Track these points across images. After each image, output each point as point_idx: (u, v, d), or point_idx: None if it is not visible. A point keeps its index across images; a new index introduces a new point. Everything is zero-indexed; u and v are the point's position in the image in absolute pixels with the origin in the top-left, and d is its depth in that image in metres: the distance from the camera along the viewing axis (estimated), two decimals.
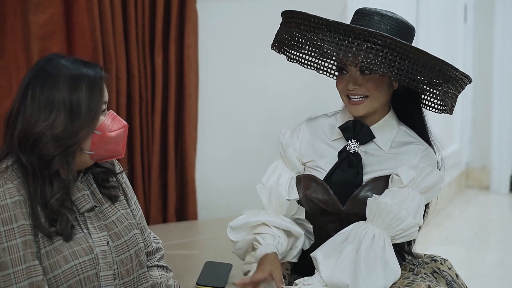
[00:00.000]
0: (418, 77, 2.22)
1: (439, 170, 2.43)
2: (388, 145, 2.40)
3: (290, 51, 2.43)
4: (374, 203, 2.30)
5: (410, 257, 2.54)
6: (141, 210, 2.41)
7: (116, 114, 2.21)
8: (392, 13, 2.36)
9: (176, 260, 3.25)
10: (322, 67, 2.52)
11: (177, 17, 3.73)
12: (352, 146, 2.40)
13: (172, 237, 3.59)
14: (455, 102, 2.37)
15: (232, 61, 3.93)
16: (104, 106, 2.17)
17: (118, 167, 2.36)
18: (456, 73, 2.30)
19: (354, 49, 2.19)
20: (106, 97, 2.18)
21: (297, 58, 2.45)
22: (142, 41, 3.70)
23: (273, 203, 2.45)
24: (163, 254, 2.48)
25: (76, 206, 2.18)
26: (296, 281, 2.32)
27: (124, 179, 2.38)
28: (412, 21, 2.37)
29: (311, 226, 2.46)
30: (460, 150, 6.11)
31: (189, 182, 3.85)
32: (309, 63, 2.48)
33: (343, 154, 2.41)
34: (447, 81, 2.29)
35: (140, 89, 3.72)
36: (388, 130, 2.42)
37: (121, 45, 3.61)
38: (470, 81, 2.36)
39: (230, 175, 4.01)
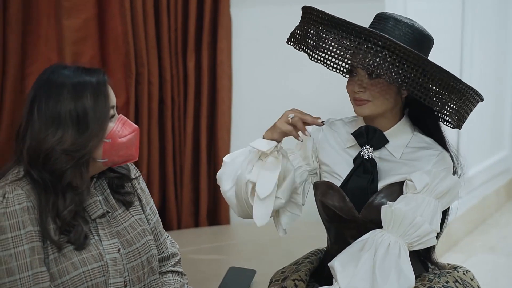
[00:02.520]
0: (421, 85, 2.18)
1: (458, 177, 2.37)
2: (400, 152, 2.36)
3: (303, 47, 2.41)
4: (388, 210, 2.26)
5: (433, 266, 2.50)
6: (157, 215, 2.41)
7: (126, 118, 2.18)
8: (410, 19, 2.32)
9: (203, 265, 3.27)
10: (334, 65, 2.49)
11: (209, 21, 3.74)
12: (366, 152, 2.37)
13: (201, 241, 3.60)
14: (464, 118, 2.32)
15: (266, 66, 3.92)
16: (112, 111, 2.15)
17: (134, 172, 2.36)
18: (465, 88, 2.26)
19: (354, 47, 2.17)
20: (113, 101, 2.16)
21: (311, 54, 2.43)
22: (174, 46, 3.71)
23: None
24: (179, 259, 2.47)
25: (87, 212, 2.18)
26: None
27: (140, 184, 2.37)
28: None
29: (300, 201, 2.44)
30: (509, 157, 5.98)
31: None
32: (323, 60, 2.45)
33: (358, 160, 2.38)
34: (452, 93, 2.24)
35: (172, 93, 3.73)
36: (401, 136, 2.38)
37: (154, 49, 3.63)
38: (481, 98, 2.31)
39: None
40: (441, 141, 2.41)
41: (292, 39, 2.38)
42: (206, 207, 3.86)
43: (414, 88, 2.18)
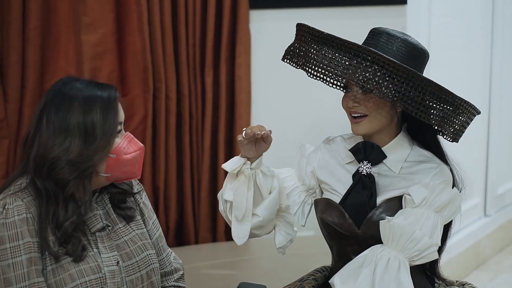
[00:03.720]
0: (412, 99, 2.17)
1: (459, 190, 2.34)
2: (399, 166, 2.35)
3: (298, 63, 2.41)
4: (386, 225, 2.24)
5: (440, 282, 2.47)
6: (160, 230, 2.41)
7: (132, 136, 2.20)
8: (404, 34, 2.31)
9: (214, 280, 3.26)
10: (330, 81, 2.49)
11: (227, 37, 3.75)
12: (364, 167, 2.36)
13: (217, 256, 3.61)
14: (460, 131, 2.30)
15: (286, 81, 3.91)
16: (120, 127, 2.16)
17: (137, 187, 2.37)
18: (458, 101, 2.24)
19: (344, 63, 2.17)
20: (121, 117, 2.17)
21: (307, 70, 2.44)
22: (193, 61, 3.73)
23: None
24: (182, 274, 2.47)
25: (87, 225, 2.19)
26: None
27: (143, 198, 2.38)
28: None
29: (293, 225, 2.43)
30: None
31: None
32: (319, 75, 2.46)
33: (357, 176, 2.37)
34: (445, 106, 2.22)
35: (190, 108, 3.75)
36: (399, 151, 2.36)
37: (171, 65, 3.65)
38: (477, 112, 2.30)
39: None
40: (440, 153, 2.39)
41: (287, 56, 2.38)
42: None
43: (405, 102, 2.17)
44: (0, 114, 3.37)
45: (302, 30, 2.30)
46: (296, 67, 2.38)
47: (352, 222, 2.34)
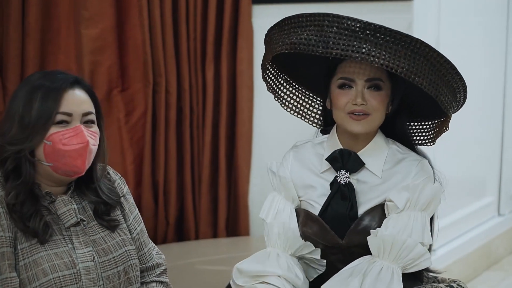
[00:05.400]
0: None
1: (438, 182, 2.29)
2: (380, 169, 2.27)
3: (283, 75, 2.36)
4: (375, 240, 2.17)
5: (431, 275, 2.40)
6: (142, 225, 2.38)
7: (84, 131, 2.16)
8: None
9: (209, 276, 3.24)
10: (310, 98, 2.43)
11: (229, 31, 3.73)
12: (342, 177, 2.27)
13: (215, 252, 3.58)
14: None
15: None
16: (65, 117, 2.14)
17: (119, 181, 2.35)
18: (461, 90, 2.18)
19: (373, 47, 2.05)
20: (65, 108, 2.15)
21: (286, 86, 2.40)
22: (193, 55, 3.72)
23: (282, 240, 2.35)
24: (165, 269, 2.43)
25: (61, 220, 2.18)
26: None
27: (124, 191, 2.36)
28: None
29: (319, 257, 2.35)
30: None
31: (241, 197, 3.83)
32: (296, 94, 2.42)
33: (335, 186, 2.27)
34: (452, 95, 2.17)
35: (191, 103, 3.74)
36: (378, 153, 2.28)
37: (172, 59, 3.64)
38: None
39: None
40: (409, 142, 2.33)
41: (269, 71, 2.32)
42: (225, 217, 3.84)
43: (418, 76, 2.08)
44: None
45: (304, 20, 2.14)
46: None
47: (334, 234, 2.26)
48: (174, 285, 2.71)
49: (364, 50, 2.05)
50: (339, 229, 2.26)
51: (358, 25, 2.05)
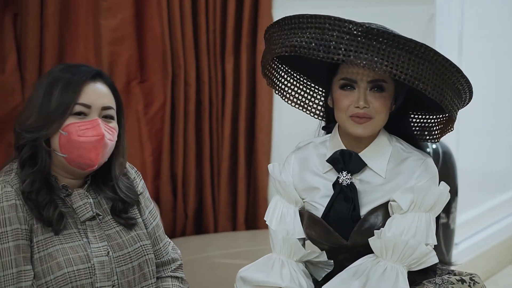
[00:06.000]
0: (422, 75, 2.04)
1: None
2: (384, 169, 2.22)
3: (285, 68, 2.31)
4: (377, 241, 2.13)
5: (445, 266, 2.37)
6: (157, 219, 2.37)
7: (101, 124, 2.15)
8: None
9: (227, 269, 3.21)
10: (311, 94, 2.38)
11: (249, 23, 3.70)
12: (344, 178, 2.22)
13: (233, 245, 3.56)
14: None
15: None
16: (83, 109, 2.14)
17: (134, 175, 2.34)
18: (466, 91, 2.13)
19: (375, 52, 2.00)
20: (84, 99, 2.15)
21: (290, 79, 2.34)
22: (213, 47, 3.69)
23: (286, 248, 2.33)
24: (180, 264, 2.42)
25: (77, 214, 2.17)
26: None
27: (140, 186, 2.34)
28: None
29: (326, 260, 2.33)
30: None
31: (260, 190, 3.80)
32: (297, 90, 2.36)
33: (337, 187, 2.23)
34: (457, 97, 2.12)
35: (210, 95, 3.71)
36: (381, 152, 2.22)
37: (191, 51, 3.62)
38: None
39: None
40: (413, 140, 2.28)
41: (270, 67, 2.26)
42: (244, 211, 3.81)
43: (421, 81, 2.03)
44: (17, 99, 3.37)
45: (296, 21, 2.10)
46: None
47: (338, 235, 2.22)
48: (192, 279, 2.70)
49: (366, 56, 2.00)
50: (343, 230, 2.22)
51: (360, 29, 2.01)
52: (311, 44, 2.04)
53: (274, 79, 2.34)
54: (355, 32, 2.01)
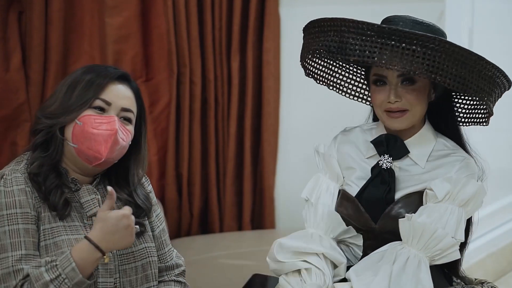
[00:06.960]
0: (464, 79, 2.05)
1: (480, 180, 2.25)
2: (425, 160, 2.25)
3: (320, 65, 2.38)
4: (406, 223, 2.15)
5: (459, 280, 2.36)
6: (164, 224, 2.38)
7: (116, 121, 2.17)
8: (417, 18, 2.20)
9: (232, 270, 3.20)
10: (350, 85, 2.44)
11: (255, 21, 3.67)
12: (385, 161, 2.26)
13: (241, 245, 3.54)
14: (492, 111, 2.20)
15: None
16: (103, 104, 2.17)
17: (146, 180, 2.37)
18: (499, 75, 2.13)
19: (389, 51, 2.03)
20: (106, 96, 2.18)
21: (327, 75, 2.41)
22: (219, 45, 3.67)
23: (325, 222, 2.32)
24: (183, 270, 2.43)
25: (83, 209, 2.19)
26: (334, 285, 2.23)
27: (147, 189, 2.35)
28: None
29: (360, 244, 2.32)
30: None
31: (266, 189, 3.77)
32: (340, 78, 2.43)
33: (376, 169, 2.27)
34: (489, 83, 2.12)
35: (216, 94, 3.69)
36: (424, 144, 2.27)
37: (196, 49, 3.59)
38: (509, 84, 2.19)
39: None
40: (461, 143, 2.30)
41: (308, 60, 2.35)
42: (250, 210, 3.79)
43: (449, 79, 2.04)
44: (21, 97, 3.36)
45: (326, 24, 2.19)
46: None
47: (369, 216, 2.25)
48: (198, 279, 2.68)
49: (383, 56, 2.04)
50: (374, 213, 2.26)
51: (375, 29, 2.04)
52: (330, 47, 2.14)
53: (313, 69, 2.44)
54: (369, 32, 2.06)
